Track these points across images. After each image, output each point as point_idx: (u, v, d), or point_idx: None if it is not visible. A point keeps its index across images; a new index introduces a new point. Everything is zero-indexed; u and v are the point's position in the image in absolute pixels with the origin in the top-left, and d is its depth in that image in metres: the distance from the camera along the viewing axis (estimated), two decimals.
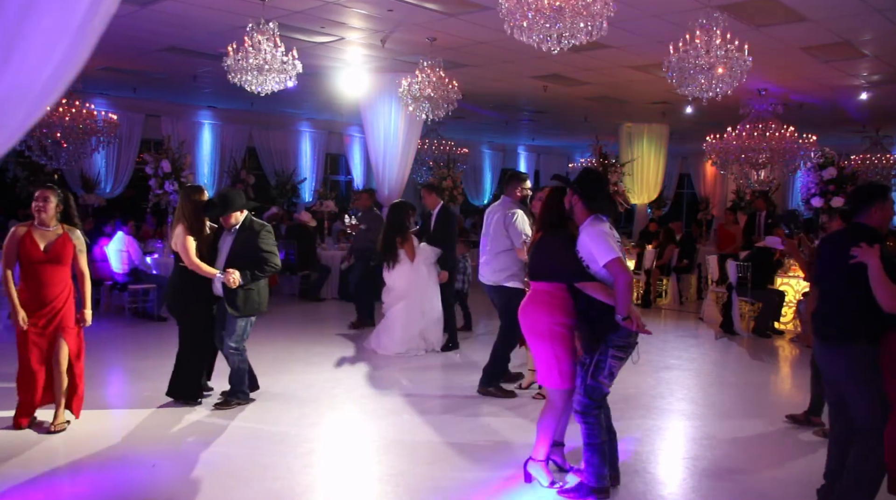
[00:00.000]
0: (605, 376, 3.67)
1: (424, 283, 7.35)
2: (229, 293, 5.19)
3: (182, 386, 5.42)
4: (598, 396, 3.71)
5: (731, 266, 8.93)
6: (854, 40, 8.08)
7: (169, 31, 8.38)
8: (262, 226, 5.39)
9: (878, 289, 3.30)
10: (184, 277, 5.29)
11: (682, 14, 6.95)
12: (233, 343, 5.32)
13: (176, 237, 5.28)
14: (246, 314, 5.29)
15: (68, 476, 4.14)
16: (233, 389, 5.46)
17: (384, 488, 4.04)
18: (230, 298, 5.20)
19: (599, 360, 3.66)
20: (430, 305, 7.39)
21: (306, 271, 11.05)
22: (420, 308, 7.36)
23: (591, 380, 3.68)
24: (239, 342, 5.34)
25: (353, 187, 17.73)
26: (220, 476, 4.13)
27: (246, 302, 5.25)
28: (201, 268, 5.21)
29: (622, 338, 3.64)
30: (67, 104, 10.05)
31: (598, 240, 3.64)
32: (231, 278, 5.11)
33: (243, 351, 5.41)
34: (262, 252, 5.25)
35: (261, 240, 5.28)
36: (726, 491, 4.06)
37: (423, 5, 7.21)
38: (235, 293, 5.18)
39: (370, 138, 11.33)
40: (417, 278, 7.32)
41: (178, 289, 5.38)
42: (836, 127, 14.84)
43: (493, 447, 4.72)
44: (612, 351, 3.64)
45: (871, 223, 3.57)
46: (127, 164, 13.77)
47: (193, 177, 11.14)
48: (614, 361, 3.66)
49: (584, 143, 16.78)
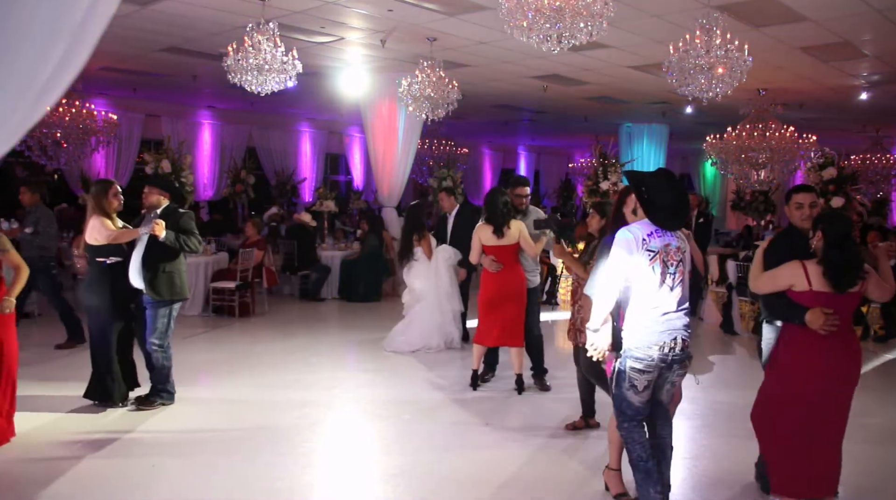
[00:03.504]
0: (627, 388, 3.50)
1: (445, 284, 7.43)
2: (151, 278, 5.15)
3: (99, 386, 5.31)
4: (626, 408, 3.53)
5: (731, 266, 8.93)
6: (854, 40, 8.08)
7: (169, 31, 8.37)
8: (186, 212, 5.43)
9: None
10: (99, 274, 5.22)
11: (682, 14, 6.95)
12: (156, 340, 5.26)
13: (91, 229, 5.19)
14: (167, 299, 5.22)
15: (60, 472, 4.14)
16: (156, 388, 5.37)
17: (384, 488, 4.04)
18: (151, 280, 5.16)
19: (620, 370, 3.53)
20: (449, 306, 7.50)
21: (306, 270, 11.06)
22: (439, 309, 7.46)
23: (616, 389, 3.57)
24: (162, 338, 5.28)
25: (353, 187, 17.75)
26: (221, 476, 4.13)
27: (168, 285, 5.20)
28: (125, 233, 5.18)
29: (640, 350, 3.45)
30: (67, 104, 10.06)
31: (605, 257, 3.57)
32: (156, 225, 5.07)
33: (167, 348, 5.34)
34: (182, 232, 5.26)
35: (182, 221, 5.30)
36: (726, 491, 4.06)
37: (423, 5, 7.20)
38: (157, 277, 5.15)
39: (370, 138, 11.34)
40: (437, 279, 7.41)
41: (93, 286, 5.26)
42: (836, 127, 14.85)
43: (494, 447, 4.72)
44: (629, 361, 3.49)
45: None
46: (127, 164, 13.78)
47: (193, 177, 11.13)
48: (634, 373, 3.47)
49: (584, 143, 16.78)
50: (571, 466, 4.37)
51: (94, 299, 5.25)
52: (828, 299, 3.51)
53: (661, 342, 3.42)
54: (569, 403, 5.58)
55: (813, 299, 3.52)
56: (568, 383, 6.15)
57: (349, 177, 18.23)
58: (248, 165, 14.69)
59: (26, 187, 7.79)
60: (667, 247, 3.44)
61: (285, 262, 11.13)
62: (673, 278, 3.44)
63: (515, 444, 4.74)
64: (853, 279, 3.51)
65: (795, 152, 11.03)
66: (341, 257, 11.18)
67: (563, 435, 4.87)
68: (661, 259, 3.41)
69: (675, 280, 3.45)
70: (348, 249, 11.64)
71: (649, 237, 3.43)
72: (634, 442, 3.52)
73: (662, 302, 3.43)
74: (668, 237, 3.46)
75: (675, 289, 3.45)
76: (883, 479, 4.36)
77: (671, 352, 3.43)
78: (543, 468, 4.36)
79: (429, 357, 7.24)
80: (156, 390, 5.39)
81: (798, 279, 3.56)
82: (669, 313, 3.45)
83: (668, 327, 3.44)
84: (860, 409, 6.16)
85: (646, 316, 3.45)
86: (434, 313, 7.45)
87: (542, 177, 22.15)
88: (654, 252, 3.41)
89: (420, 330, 7.44)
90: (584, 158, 17.33)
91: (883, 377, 7.30)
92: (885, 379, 7.24)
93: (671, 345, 3.43)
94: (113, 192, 5.29)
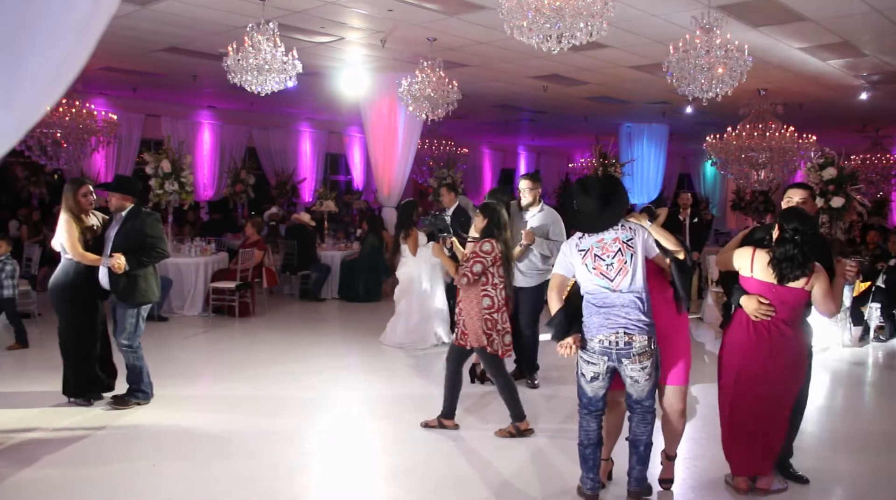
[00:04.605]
0: (579, 375, 3.70)
1: (424, 282, 7.54)
2: (115, 282, 5.14)
3: (73, 384, 5.29)
4: (581, 395, 3.72)
5: None
6: (854, 40, 8.08)
7: (169, 31, 8.37)
8: (151, 214, 5.40)
9: None
10: (69, 271, 5.21)
11: (682, 14, 6.95)
12: (124, 340, 5.24)
13: (60, 230, 5.19)
14: (133, 304, 5.21)
15: (59, 476, 4.14)
16: (130, 388, 5.35)
17: (384, 488, 4.04)
18: (116, 287, 5.16)
19: (578, 359, 3.70)
20: (430, 301, 7.58)
21: (306, 270, 11.06)
22: (419, 306, 7.56)
23: (576, 376, 3.76)
24: (131, 339, 5.24)
25: (353, 187, 17.76)
26: (221, 476, 4.13)
27: (133, 291, 5.18)
28: (86, 257, 5.16)
29: (585, 341, 3.62)
30: (67, 104, 10.05)
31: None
32: (116, 263, 5.06)
33: (137, 348, 5.29)
34: (148, 238, 5.23)
35: (148, 226, 5.26)
36: (726, 491, 4.06)
37: (423, 5, 7.21)
38: (120, 282, 5.13)
39: (370, 138, 11.34)
40: (420, 273, 7.53)
41: (63, 283, 5.24)
42: (836, 127, 14.85)
43: (494, 446, 4.72)
44: (580, 351, 3.66)
45: None
46: (127, 164, 13.77)
47: (193, 177, 11.13)
48: (582, 362, 3.66)
49: (584, 143, 16.79)
50: (571, 466, 4.36)
51: (64, 294, 5.23)
52: (769, 288, 3.73)
53: (601, 336, 3.56)
54: (569, 403, 5.59)
55: (756, 287, 3.78)
56: (567, 382, 6.16)
57: (349, 177, 18.23)
58: (248, 165, 14.69)
59: None
60: (600, 242, 3.64)
61: (285, 262, 11.13)
62: (611, 267, 3.59)
63: (515, 444, 4.73)
64: (793, 273, 3.66)
65: (795, 152, 11.02)
66: (341, 257, 11.19)
67: (563, 435, 4.87)
68: (594, 254, 3.62)
69: (615, 270, 3.58)
70: (348, 249, 11.65)
71: (580, 240, 3.71)
72: (581, 428, 3.74)
73: (599, 293, 3.60)
74: (602, 233, 3.65)
75: (616, 278, 3.57)
76: (883, 486, 4.35)
77: (613, 346, 3.55)
78: (543, 468, 4.36)
79: (428, 357, 7.24)
80: (131, 390, 5.36)
81: (744, 263, 3.85)
82: (611, 308, 3.57)
83: (607, 322, 3.56)
84: (860, 413, 6.20)
85: (587, 308, 3.67)
86: (413, 311, 7.57)
87: (542, 177, 22.16)
88: (584, 250, 3.66)
89: (404, 326, 7.59)
90: (584, 158, 17.32)
91: (883, 378, 7.31)
92: (886, 379, 7.25)
93: (612, 339, 3.54)
94: (83, 192, 5.29)
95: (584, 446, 3.74)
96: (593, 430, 3.72)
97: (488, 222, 4.81)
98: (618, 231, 3.64)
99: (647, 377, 3.60)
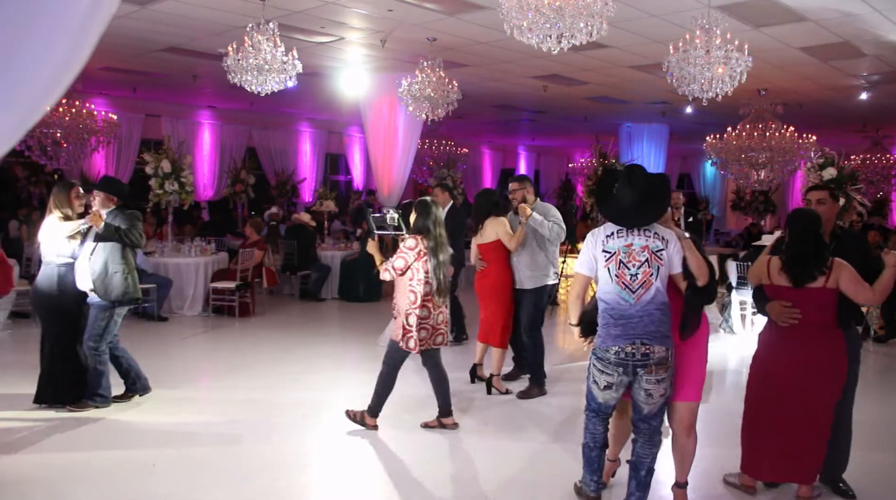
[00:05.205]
0: (591, 382, 3.51)
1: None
2: (94, 277, 5.09)
3: (56, 390, 5.20)
4: (590, 399, 3.56)
5: (731, 266, 8.92)
6: (854, 40, 8.08)
7: (169, 31, 8.37)
8: (131, 212, 5.38)
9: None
10: (53, 277, 5.17)
11: (682, 14, 6.95)
12: (91, 342, 5.15)
13: (44, 228, 5.18)
14: (108, 300, 5.13)
15: (68, 477, 4.14)
16: (89, 391, 5.21)
17: (383, 488, 4.04)
18: (96, 280, 5.10)
19: (590, 364, 3.54)
20: None
21: (306, 270, 11.05)
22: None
23: (586, 380, 3.59)
24: (98, 341, 5.16)
25: (353, 187, 17.75)
26: (221, 476, 4.13)
27: (110, 286, 5.12)
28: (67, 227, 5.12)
29: (600, 350, 3.44)
30: (67, 104, 10.05)
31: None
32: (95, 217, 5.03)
33: (103, 353, 5.19)
34: (123, 225, 5.20)
35: (126, 218, 5.25)
36: (726, 492, 4.05)
37: (423, 5, 7.20)
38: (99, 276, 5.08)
39: (370, 138, 11.33)
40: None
41: (48, 290, 5.18)
42: (835, 127, 14.84)
43: (493, 447, 4.72)
44: (592, 358, 3.50)
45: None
46: (127, 164, 13.77)
47: (193, 177, 11.13)
48: (594, 370, 3.47)
49: (584, 143, 16.78)
50: (571, 466, 4.36)
51: (48, 301, 5.19)
52: (787, 292, 3.66)
53: (617, 346, 3.36)
54: (569, 403, 5.59)
55: (774, 292, 3.72)
56: (565, 382, 6.16)
57: (349, 177, 18.23)
58: (248, 165, 14.68)
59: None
60: (628, 247, 3.39)
61: (285, 262, 11.13)
62: (634, 278, 3.36)
63: (515, 444, 4.74)
64: (808, 274, 3.59)
65: (795, 152, 11.01)
66: (341, 257, 11.18)
67: (563, 436, 4.87)
68: (619, 260, 3.38)
69: (638, 282, 3.36)
70: (348, 249, 11.65)
71: (608, 239, 3.44)
72: (587, 430, 3.62)
73: (619, 305, 3.38)
74: (632, 237, 3.40)
75: (639, 291, 3.35)
76: (889, 485, 4.35)
77: (629, 358, 3.34)
78: (542, 469, 4.36)
79: None
80: (88, 394, 5.22)
81: (762, 272, 3.79)
82: (629, 319, 3.35)
83: (624, 331, 3.35)
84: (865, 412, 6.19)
85: (603, 318, 3.45)
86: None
87: (542, 177, 22.13)
88: (610, 253, 3.41)
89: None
90: (584, 158, 17.33)
91: (884, 378, 7.31)
92: (886, 380, 7.24)
93: (629, 350, 3.34)
94: (74, 193, 5.30)
95: (591, 448, 3.60)
96: (600, 433, 3.59)
97: (417, 217, 4.86)
98: (649, 238, 3.38)
99: (662, 392, 3.42)
